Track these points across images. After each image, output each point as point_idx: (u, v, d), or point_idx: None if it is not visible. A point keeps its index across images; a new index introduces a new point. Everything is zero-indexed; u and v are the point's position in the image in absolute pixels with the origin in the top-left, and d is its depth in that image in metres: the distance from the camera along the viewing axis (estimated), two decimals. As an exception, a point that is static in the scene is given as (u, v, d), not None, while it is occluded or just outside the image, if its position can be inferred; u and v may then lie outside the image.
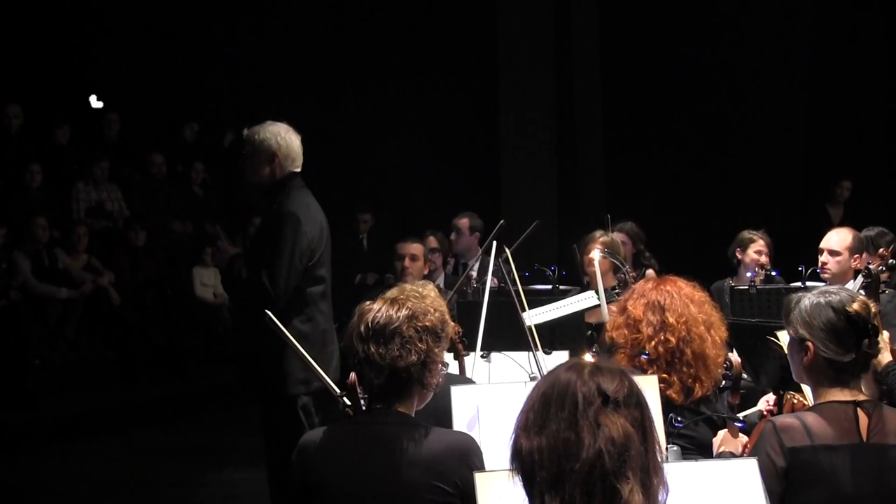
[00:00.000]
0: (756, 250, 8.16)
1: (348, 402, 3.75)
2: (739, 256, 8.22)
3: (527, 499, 2.51)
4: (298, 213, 5.85)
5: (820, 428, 3.44)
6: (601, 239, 7.48)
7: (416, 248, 8.03)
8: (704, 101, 14.29)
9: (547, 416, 2.48)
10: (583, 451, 2.41)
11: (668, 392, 4.32)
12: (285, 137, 6.00)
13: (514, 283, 5.52)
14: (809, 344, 3.53)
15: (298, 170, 6.04)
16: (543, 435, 2.46)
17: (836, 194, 13.49)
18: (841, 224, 10.41)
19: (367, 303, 3.55)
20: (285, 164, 5.98)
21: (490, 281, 6.12)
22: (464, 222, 9.85)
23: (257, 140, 5.99)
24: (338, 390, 3.94)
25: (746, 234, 8.31)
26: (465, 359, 5.22)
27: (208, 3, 14.52)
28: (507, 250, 6.28)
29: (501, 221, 6.64)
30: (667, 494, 2.51)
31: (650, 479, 2.45)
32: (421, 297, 3.56)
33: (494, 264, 6.26)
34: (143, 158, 13.46)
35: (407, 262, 7.88)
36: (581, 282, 7.68)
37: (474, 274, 8.12)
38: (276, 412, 5.87)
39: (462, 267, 9.71)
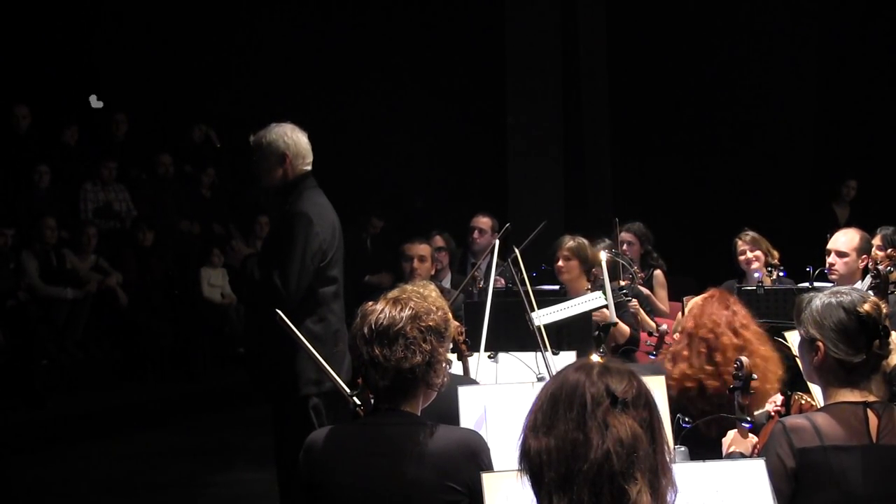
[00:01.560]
0: (740, 251, 8.21)
1: (359, 403, 3.75)
2: (738, 264, 8.29)
3: (535, 499, 2.51)
4: (310, 213, 5.84)
5: (830, 429, 3.44)
6: (567, 245, 7.42)
7: (424, 248, 8.02)
8: (712, 102, 14.28)
9: (555, 416, 2.48)
10: (591, 451, 2.41)
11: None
12: (292, 136, 5.99)
13: (524, 284, 5.51)
14: (820, 344, 3.53)
15: (310, 167, 6.02)
16: (552, 435, 2.46)
17: (841, 194, 13.49)
18: (848, 223, 10.41)
19: (370, 304, 3.54)
20: (297, 163, 5.97)
21: (494, 281, 6.12)
22: (486, 221, 9.84)
23: (265, 143, 5.97)
24: (348, 390, 3.94)
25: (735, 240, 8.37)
26: (469, 359, 5.21)
27: (217, 3, 14.53)
28: (516, 250, 6.29)
29: (507, 224, 6.63)
30: (675, 495, 2.51)
31: (658, 479, 2.45)
32: (423, 297, 3.54)
33: (503, 265, 6.26)
34: (150, 159, 13.48)
35: (416, 264, 7.86)
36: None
37: (479, 274, 8.12)
38: (287, 412, 5.87)
39: (471, 267, 9.71)
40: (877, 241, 7.27)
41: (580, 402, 2.46)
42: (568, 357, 5.36)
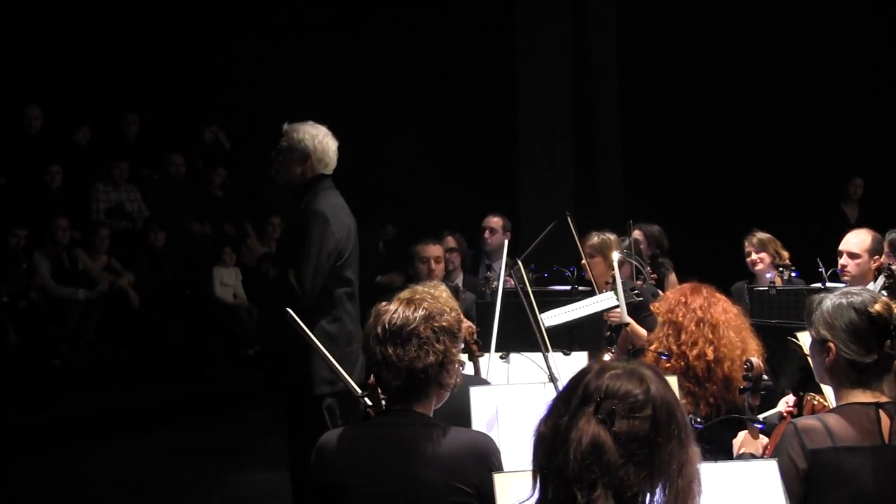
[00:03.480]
0: (746, 252, 8.15)
1: (370, 403, 3.75)
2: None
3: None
4: (327, 213, 5.85)
5: (841, 429, 3.42)
6: (589, 243, 7.41)
7: (438, 249, 8.01)
8: (723, 102, 14.26)
9: (559, 405, 2.45)
10: (561, 450, 2.36)
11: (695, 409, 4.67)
12: (322, 141, 6.00)
13: (528, 296, 5.45)
14: (831, 345, 3.51)
15: (329, 174, 6.04)
16: (548, 425, 2.44)
17: (849, 193, 13.46)
18: (858, 222, 10.36)
19: (383, 304, 3.54)
20: (317, 167, 5.98)
21: (503, 282, 6.11)
22: (497, 221, 9.84)
23: (295, 138, 5.98)
24: (360, 390, 3.94)
25: None
26: (480, 359, 5.21)
27: (229, 5, 14.56)
28: (518, 262, 6.29)
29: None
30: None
31: (635, 496, 2.35)
32: (434, 298, 3.56)
33: (513, 265, 6.26)
34: (162, 159, 13.50)
35: (433, 265, 7.85)
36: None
37: (493, 275, 8.12)
38: (300, 412, 5.88)
39: (485, 268, 9.72)
40: (885, 247, 7.21)
41: (578, 397, 2.42)
42: (580, 358, 5.36)
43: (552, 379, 4.45)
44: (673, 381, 4.31)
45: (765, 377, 4.30)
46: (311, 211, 5.87)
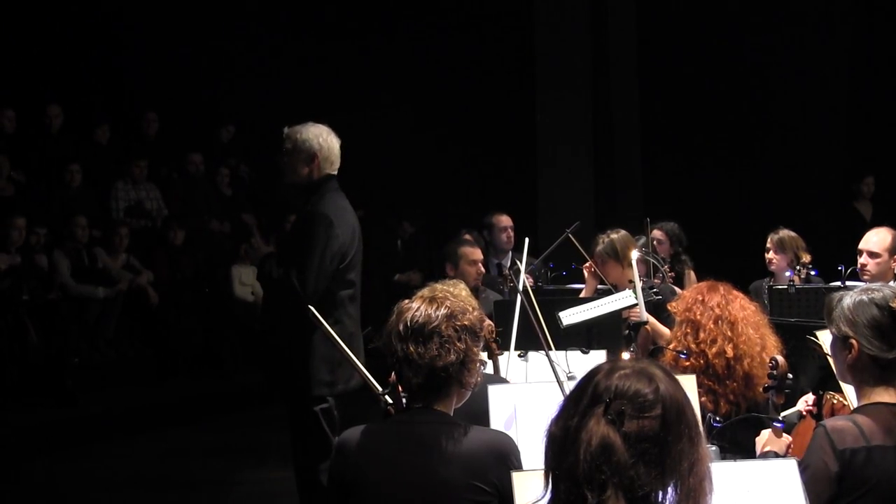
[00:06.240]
0: (766, 249, 8.08)
1: (390, 401, 3.75)
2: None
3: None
4: (332, 215, 5.87)
5: (870, 429, 3.40)
6: (596, 251, 7.35)
7: (481, 252, 7.97)
8: (742, 101, 14.23)
9: (569, 406, 2.45)
10: (571, 451, 2.36)
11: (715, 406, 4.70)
12: (327, 139, 6.03)
13: (531, 304, 5.46)
14: (853, 342, 3.50)
15: (335, 173, 6.06)
16: (559, 426, 2.43)
17: (862, 192, 13.40)
18: (873, 220, 10.30)
19: (405, 301, 3.54)
20: (324, 166, 6.01)
21: (524, 280, 6.11)
22: (508, 219, 9.86)
23: (299, 139, 6.01)
24: (380, 388, 3.95)
25: None
26: (500, 358, 5.21)
27: (248, 4, 14.59)
28: (518, 263, 6.30)
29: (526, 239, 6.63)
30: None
31: (646, 496, 2.34)
32: (455, 297, 3.56)
33: (533, 263, 6.26)
34: (181, 158, 13.53)
35: (481, 267, 7.82)
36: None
37: (509, 273, 8.11)
38: (299, 413, 5.91)
39: (496, 267, 9.73)
40: None
41: (588, 397, 2.41)
42: (598, 356, 5.35)
43: (558, 381, 4.44)
44: (692, 379, 4.31)
45: (789, 375, 4.28)
46: (316, 213, 5.90)
